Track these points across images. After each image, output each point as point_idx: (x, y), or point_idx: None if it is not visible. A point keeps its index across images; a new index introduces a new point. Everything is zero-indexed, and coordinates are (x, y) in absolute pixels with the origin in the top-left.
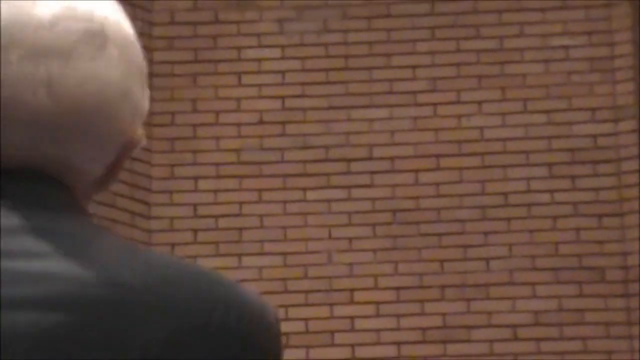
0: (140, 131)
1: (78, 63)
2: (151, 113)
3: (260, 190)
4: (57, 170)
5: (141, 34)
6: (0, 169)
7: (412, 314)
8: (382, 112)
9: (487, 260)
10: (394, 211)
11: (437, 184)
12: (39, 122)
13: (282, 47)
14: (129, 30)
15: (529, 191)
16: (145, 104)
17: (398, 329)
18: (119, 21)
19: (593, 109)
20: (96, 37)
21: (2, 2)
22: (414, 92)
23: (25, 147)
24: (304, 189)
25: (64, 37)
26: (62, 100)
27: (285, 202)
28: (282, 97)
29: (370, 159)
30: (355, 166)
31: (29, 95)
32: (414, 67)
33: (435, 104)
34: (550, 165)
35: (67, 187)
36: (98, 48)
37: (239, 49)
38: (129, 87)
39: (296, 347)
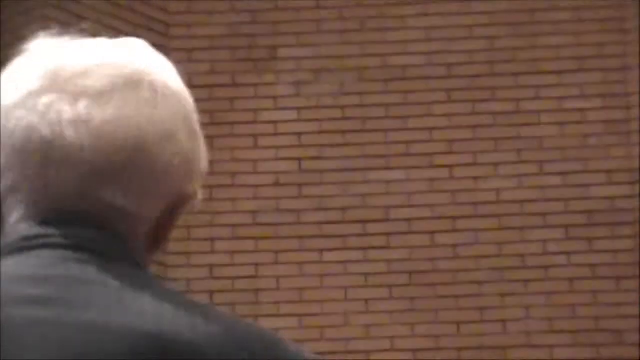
0: (194, 188)
1: (113, 106)
2: None
3: (276, 252)
4: (107, 217)
5: None
6: (53, 215)
7: None
8: (399, 174)
9: (504, 322)
10: (411, 273)
11: (454, 246)
12: (82, 162)
13: (299, 109)
14: (171, 79)
15: (545, 253)
16: (200, 161)
17: None
18: (160, 70)
19: (609, 171)
20: (132, 81)
21: (45, 47)
22: (431, 154)
23: (73, 190)
24: (321, 251)
25: (96, 81)
26: (101, 138)
27: (301, 263)
28: (299, 159)
29: (386, 220)
30: (371, 228)
31: (72, 135)
32: (430, 129)
33: (451, 166)
34: (567, 227)
35: (120, 235)
36: (133, 90)
37: (255, 111)
38: (171, 132)
39: None
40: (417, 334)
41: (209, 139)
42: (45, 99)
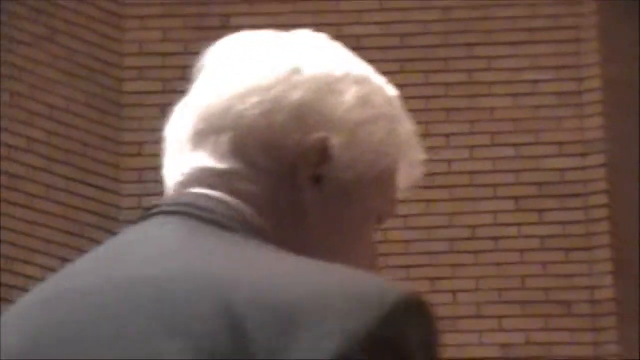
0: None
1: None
2: (120, 143)
3: None
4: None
5: (111, 64)
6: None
7: None
8: None
9: (454, 293)
10: None
11: (405, 217)
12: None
13: None
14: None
15: (496, 224)
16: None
17: None
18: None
19: (561, 143)
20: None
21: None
22: None
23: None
24: None
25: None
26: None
27: None
28: None
29: None
30: None
31: (267, 122)
32: None
33: None
34: (517, 199)
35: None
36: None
37: None
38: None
39: None
40: None
41: (162, 107)
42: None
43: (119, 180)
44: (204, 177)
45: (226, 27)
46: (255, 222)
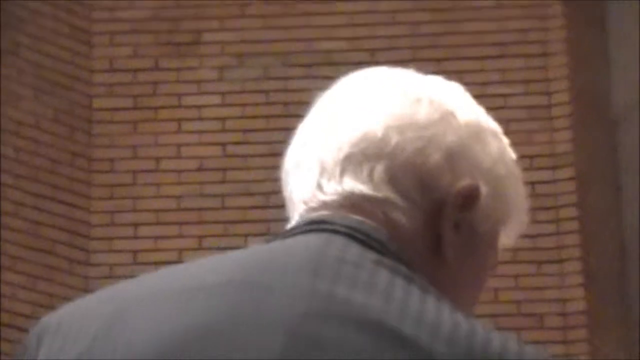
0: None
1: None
2: (91, 159)
3: (200, 237)
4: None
5: (80, 80)
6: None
7: None
8: None
9: None
10: None
11: None
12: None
13: (223, 93)
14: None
15: None
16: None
17: None
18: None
19: (531, 157)
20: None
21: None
22: None
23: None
24: (246, 236)
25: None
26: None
27: (226, 248)
28: (223, 144)
29: None
30: None
31: (423, 159)
32: None
33: None
34: None
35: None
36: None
37: (179, 95)
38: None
39: None
40: None
41: (132, 123)
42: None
43: (89, 197)
44: (357, 201)
45: (197, 43)
46: (402, 255)
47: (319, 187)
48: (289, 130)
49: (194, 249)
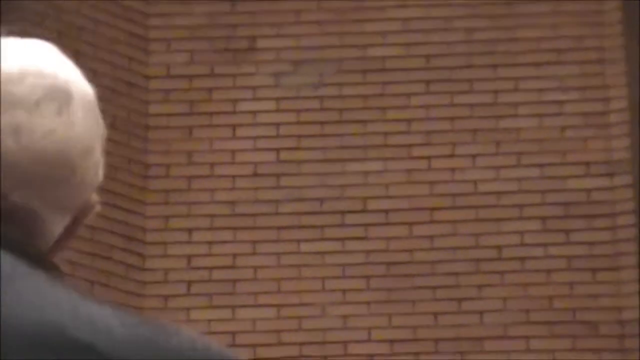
0: (95, 197)
1: (44, 116)
2: (146, 165)
3: (254, 243)
4: (25, 220)
5: (137, 86)
6: None
7: None
8: (377, 165)
9: (480, 313)
10: (388, 264)
11: (431, 237)
12: (6, 167)
13: (277, 99)
14: (91, 93)
15: (522, 245)
16: (101, 171)
17: None
18: (82, 83)
19: (587, 164)
20: (61, 93)
21: None
22: (409, 145)
23: None
24: (298, 241)
25: (31, 90)
26: (28, 149)
27: (279, 254)
28: (277, 150)
29: (364, 211)
30: (349, 219)
31: (9, 144)
32: (408, 120)
33: (429, 157)
34: (544, 219)
35: (33, 236)
36: (63, 104)
37: (234, 101)
38: (92, 146)
39: None
40: (394, 325)
41: (188, 129)
42: None
43: (145, 202)
44: None
45: (252, 49)
46: None
47: None
48: (343, 137)
49: (247, 254)
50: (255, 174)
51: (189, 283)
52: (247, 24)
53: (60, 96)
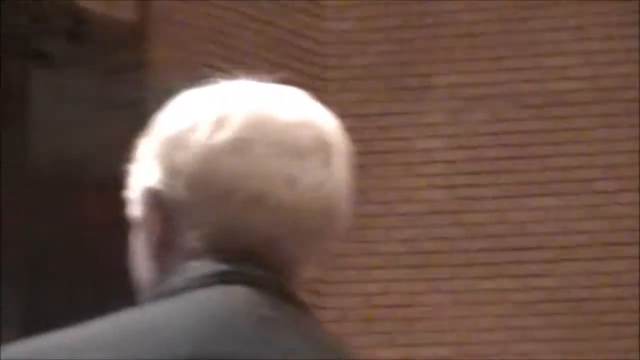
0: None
1: (313, 167)
2: None
3: (431, 280)
4: (286, 268)
5: None
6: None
7: None
8: (555, 201)
9: None
10: (570, 301)
11: (617, 273)
12: (278, 214)
13: (453, 136)
14: (346, 143)
15: None
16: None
17: None
18: (339, 132)
19: None
20: (326, 145)
21: (245, 99)
22: (589, 180)
23: (259, 236)
24: (474, 278)
25: (302, 141)
26: (301, 200)
27: (456, 292)
28: (453, 187)
29: (542, 248)
30: (527, 255)
31: (276, 189)
32: (588, 155)
33: (612, 192)
34: None
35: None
36: (328, 156)
37: (409, 139)
38: (349, 196)
39: None
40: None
41: (362, 167)
42: (258, 150)
43: None
44: None
45: (427, 87)
46: None
47: None
48: (521, 173)
49: (424, 293)
50: (431, 212)
51: (368, 321)
52: (421, 62)
53: (325, 148)
